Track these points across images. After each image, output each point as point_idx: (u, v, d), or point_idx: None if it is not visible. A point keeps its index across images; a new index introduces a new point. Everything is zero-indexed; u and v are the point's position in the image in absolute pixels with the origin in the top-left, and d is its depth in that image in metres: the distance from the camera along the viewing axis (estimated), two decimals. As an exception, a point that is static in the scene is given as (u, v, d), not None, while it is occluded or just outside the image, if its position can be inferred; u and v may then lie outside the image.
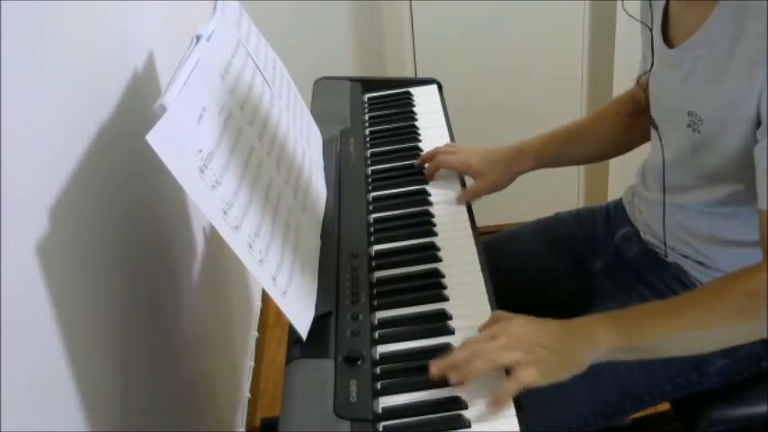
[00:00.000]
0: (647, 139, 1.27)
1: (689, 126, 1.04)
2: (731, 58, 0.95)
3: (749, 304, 0.90)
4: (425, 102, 1.52)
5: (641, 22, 1.16)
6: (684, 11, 1.06)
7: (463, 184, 1.29)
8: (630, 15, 1.17)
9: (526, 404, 0.88)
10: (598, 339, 0.91)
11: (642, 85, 1.22)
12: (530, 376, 0.88)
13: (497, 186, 1.31)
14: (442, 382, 0.90)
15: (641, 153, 1.26)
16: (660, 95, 1.14)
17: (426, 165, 1.32)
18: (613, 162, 2.26)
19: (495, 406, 0.86)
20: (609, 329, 0.91)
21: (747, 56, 0.93)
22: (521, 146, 1.31)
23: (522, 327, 0.93)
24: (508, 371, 0.89)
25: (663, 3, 1.10)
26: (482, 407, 0.87)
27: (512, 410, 0.86)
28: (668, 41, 1.09)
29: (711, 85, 0.99)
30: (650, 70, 1.14)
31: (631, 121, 1.30)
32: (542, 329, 0.93)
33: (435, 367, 0.90)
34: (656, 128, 1.17)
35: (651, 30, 1.13)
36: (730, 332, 0.93)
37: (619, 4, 1.19)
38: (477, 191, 1.29)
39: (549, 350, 0.90)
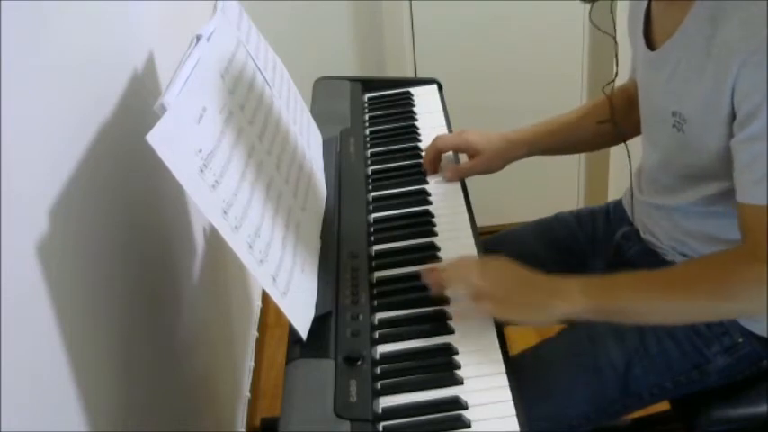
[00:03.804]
0: (638, 132, 1.27)
1: (674, 126, 1.04)
2: (708, 58, 0.96)
3: (723, 287, 0.95)
4: (425, 102, 1.52)
5: (604, 32, 1.19)
6: (664, 12, 1.07)
7: (463, 183, 1.29)
8: (595, 25, 1.19)
9: (527, 402, 0.88)
10: (573, 300, 0.96)
11: (634, 84, 1.24)
12: (490, 307, 0.96)
13: (491, 168, 1.32)
14: (442, 382, 0.90)
15: (641, 153, 1.27)
16: (647, 97, 1.15)
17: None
18: (613, 162, 2.26)
19: (456, 320, 0.97)
20: (583, 290, 0.97)
21: (721, 54, 0.94)
22: (514, 134, 1.33)
23: (506, 266, 1.01)
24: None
25: (645, 4, 1.11)
26: (482, 407, 0.87)
27: (512, 410, 0.86)
28: (650, 43, 1.10)
29: (692, 84, 1.00)
30: (614, 80, 1.24)
31: (626, 115, 1.31)
32: (521, 274, 1.00)
33: (431, 280, 1.01)
34: (644, 129, 1.18)
35: (614, 38, 1.18)
36: (701, 311, 0.99)
37: (619, 3, 1.19)
38: (470, 168, 1.31)
39: (520, 293, 0.98)
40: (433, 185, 1.28)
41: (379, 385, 0.90)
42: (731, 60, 0.92)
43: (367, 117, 1.49)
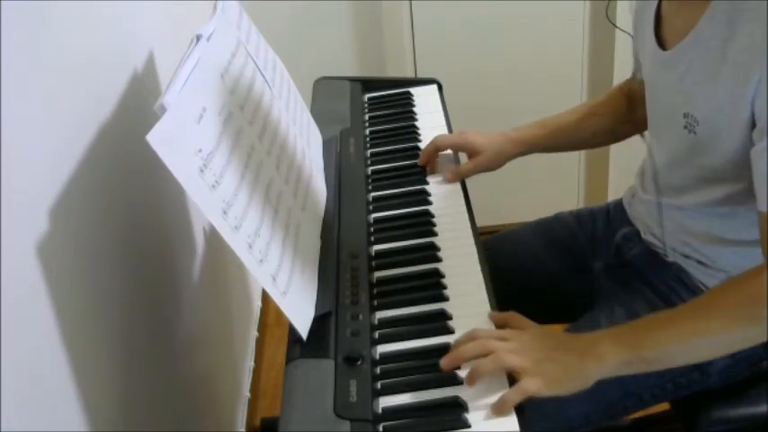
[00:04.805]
0: (640, 129, 1.27)
1: (685, 128, 1.03)
2: (724, 60, 0.95)
3: (751, 310, 0.90)
4: (425, 102, 1.52)
5: (622, 29, 1.17)
6: (676, 12, 1.06)
7: (463, 183, 1.29)
8: (614, 24, 1.18)
9: (527, 403, 0.88)
10: (604, 356, 0.90)
11: (637, 83, 1.23)
12: (534, 386, 0.87)
13: (492, 165, 1.31)
14: (442, 382, 0.90)
15: (642, 153, 1.27)
16: (656, 97, 1.14)
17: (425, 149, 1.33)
18: (613, 162, 2.26)
19: (498, 413, 0.86)
20: (613, 344, 0.91)
21: (740, 57, 0.93)
22: (513, 133, 1.32)
23: (534, 337, 0.93)
24: (511, 377, 0.90)
25: (654, 3, 1.10)
26: (482, 407, 0.87)
27: (512, 410, 0.86)
28: (661, 43, 1.09)
29: (705, 86, 0.99)
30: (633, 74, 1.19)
31: (620, 119, 1.30)
32: (551, 342, 0.93)
33: (446, 363, 0.91)
34: (652, 129, 1.17)
35: (631, 35, 1.15)
36: (733, 338, 0.92)
37: (619, 3, 1.19)
38: (472, 167, 1.30)
39: (555, 364, 0.90)
40: (433, 185, 1.28)
41: (379, 385, 0.90)
42: (752, 66, 0.91)
43: (367, 117, 1.49)
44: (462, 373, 0.90)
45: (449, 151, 1.34)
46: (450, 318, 0.99)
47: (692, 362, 0.99)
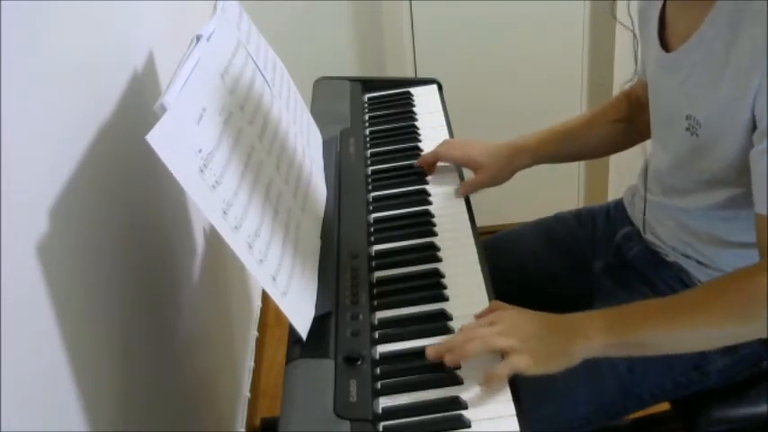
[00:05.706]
0: (645, 137, 1.27)
1: (687, 130, 1.04)
2: (727, 63, 0.95)
3: (745, 307, 0.90)
4: (425, 102, 1.52)
5: (630, 29, 1.17)
6: (680, 14, 1.06)
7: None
8: (621, 23, 1.18)
9: (527, 403, 0.88)
10: (590, 335, 0.91)
11: (641, 85, 1.23)
12: (522, 362, 0.88)
13: (497, 180, 1.31)
14: (442, 382, 0.90)
15: (641, 153, 1.26)
16: (659, 99, 1.14)
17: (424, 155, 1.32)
18: (613, 162, 2.26)
19: (487, 384, 0.87)
20: (601, 325, 0.92)
21: (742, 60, 0.93)
22: (519, 142, 1.32)
23: (519, 317, 0.94)
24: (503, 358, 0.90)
25: (659, 5, 1.10)
26: (483, 408, 0.87)
27: (512, 410, 0.86)
28: (665, 45, 1.09)
29: (708, 89, 0.99)
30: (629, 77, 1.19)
31: (627, 125, 1.30)
32: (538, 321, 0.94)
33: (431, 350, 0.91)
34: (655, 131, 1.17)
35: (635, 34, 1.15)
36: (724, 333, 0.93)
37: (619, 4, 1.19)
38: (477, 183, 1.29)
39: (543, 342, 0.91)
40: (433, 185, 1.28)
41: (379, 385, 0.90)
42: (753, 69, 0.91)
43: (367, 117, 1.49)
44: (462, 373, 0.90)
45: None
46: (451, 318, 0.99)
47: (682, 351, 1.01)
